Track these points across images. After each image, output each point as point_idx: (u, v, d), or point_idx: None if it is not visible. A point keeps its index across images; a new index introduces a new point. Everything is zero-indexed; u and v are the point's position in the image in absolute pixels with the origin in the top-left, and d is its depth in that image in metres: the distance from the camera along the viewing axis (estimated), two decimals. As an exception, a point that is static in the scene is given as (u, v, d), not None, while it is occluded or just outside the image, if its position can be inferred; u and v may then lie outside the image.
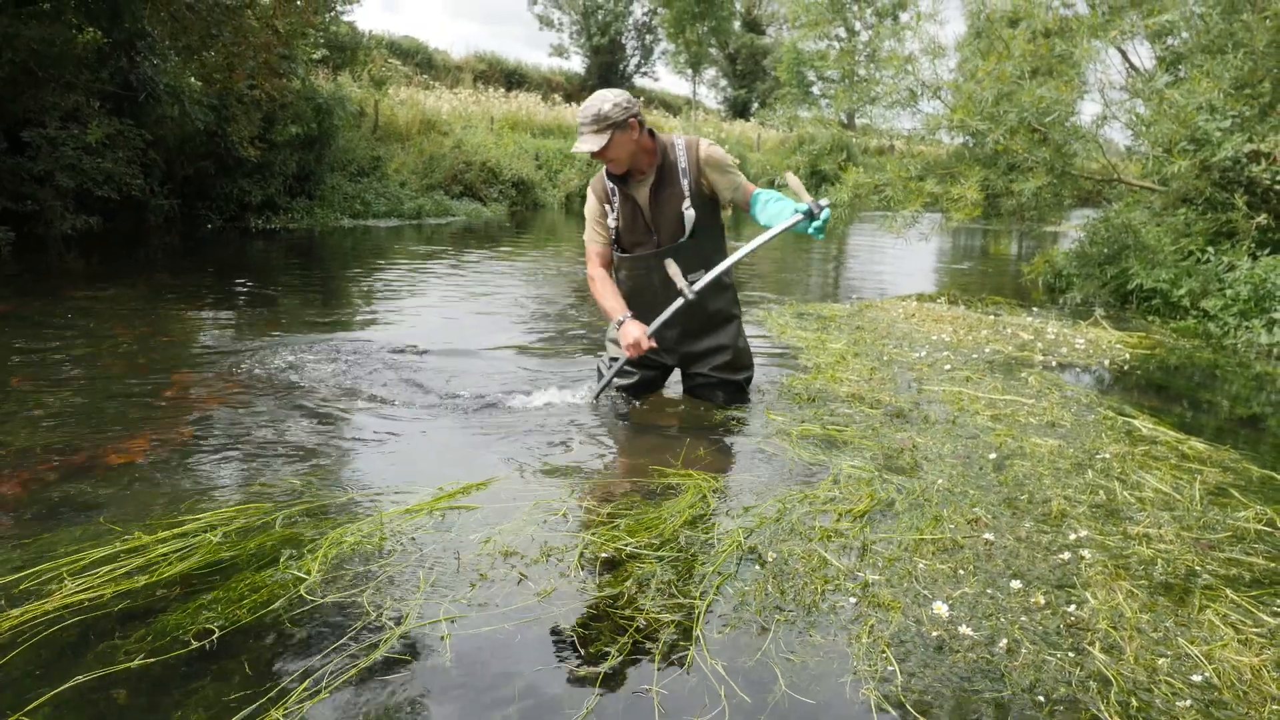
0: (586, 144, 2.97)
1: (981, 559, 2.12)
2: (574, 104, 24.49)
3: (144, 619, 1.77)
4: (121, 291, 5.96)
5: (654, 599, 1.91)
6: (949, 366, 4.22)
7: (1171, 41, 7.45)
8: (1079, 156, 6.83)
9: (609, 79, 33.86)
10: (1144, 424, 3.34)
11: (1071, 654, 1.73)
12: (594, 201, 3.27)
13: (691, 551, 2.14)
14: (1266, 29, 6.06)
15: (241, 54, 8.92)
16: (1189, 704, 1.58)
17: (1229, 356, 5.02)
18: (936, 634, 1.78)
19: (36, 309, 5.14)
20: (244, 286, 6.55)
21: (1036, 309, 6.49)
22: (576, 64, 35.29)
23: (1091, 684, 1.63)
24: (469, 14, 78.89)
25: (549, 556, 2.10)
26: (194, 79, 9.80)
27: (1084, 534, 2.28)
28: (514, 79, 29.37)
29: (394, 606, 1.84)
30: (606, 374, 3.39)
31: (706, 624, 1.81)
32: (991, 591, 1.96)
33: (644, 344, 3.08)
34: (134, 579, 1.91)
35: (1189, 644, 1.77)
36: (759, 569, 2.06)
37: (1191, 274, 6.15)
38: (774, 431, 3.16)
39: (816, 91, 30.52)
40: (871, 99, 7.84)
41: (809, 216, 2.94)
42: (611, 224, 3.23)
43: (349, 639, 1.72)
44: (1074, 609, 1.89)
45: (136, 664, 1.61)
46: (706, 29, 35.76)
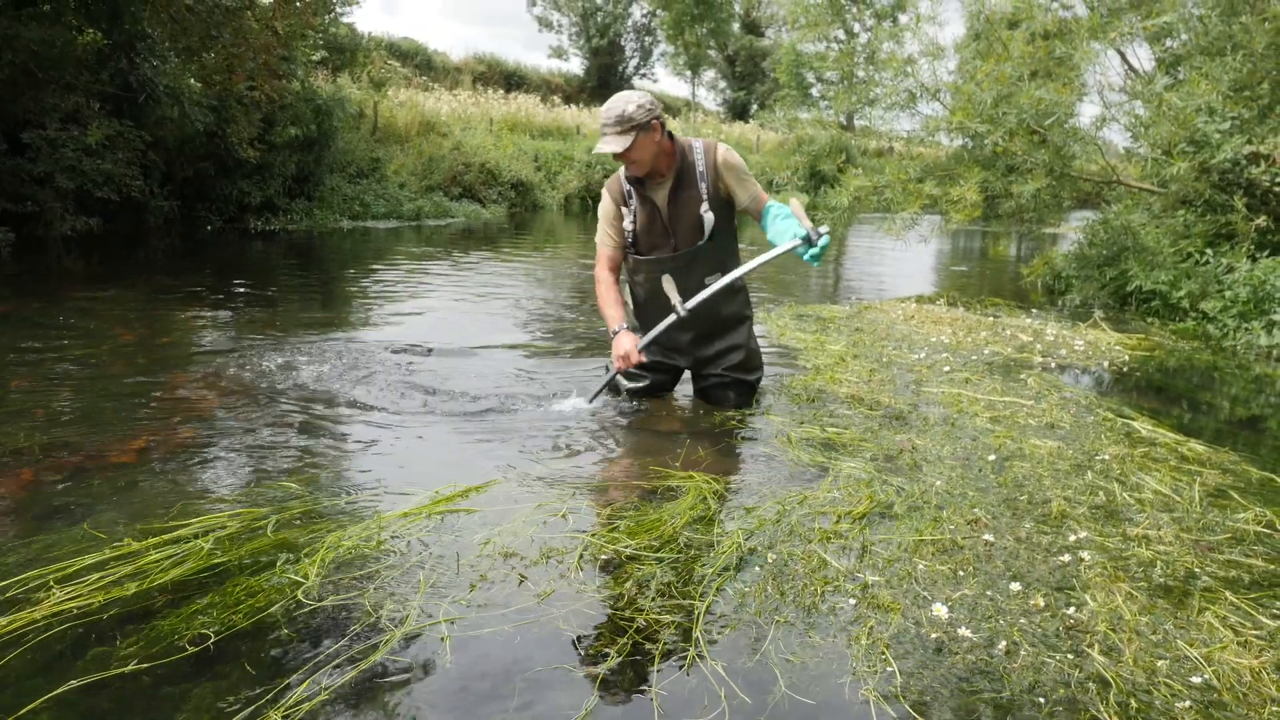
0: (610, 145, 2.94)
1: (981, 560, 2.12)
2: (573, 106, 24.51)
3: (138, 625, 1.76)
4: (121, 292, 5.96)
5: (654, 600, 1.92)
6: (948, 368, 4.22)
7: (1171, 43, 7.46)
8: (1078, 158, 6.83)
9: (608, 81, 33.90)
10: (1143, 425, 3.34)
11: (1071, 656, 1.73)
12: (609, 203, 3.25)
13: (691, 553, 2.14)
14: (1265, 31, 6.07)
15: (241, 55, 8.93)
16: (1188, 705, 1.58)
17: (1228, 358, 5.02)
18: (936, 635, 1.78)
19: (36, 310, 5.14)
20: (243, 288, 6.56)
21: (1036, 311, 6.49)
22: (575, 66, 35.37)
23: (1091, 685, 1.63)
24: (468, 16, 79.08)
25: (549, 558, 2.10)
26: (194, 80, 9.81)
27: (1083, 535, 2.28)
28: (513, 81, 29.41)
29: (394, 608, 1.84)
30: (601, 383, 3.39)
31: (706, 625, 1.82)
32: (991, 593, 1.96)
33: (633, 358, 3.12)
34: (124, 586, 1.89)
35: (1188, 646, 1.77)
36: (759, 570, 2.06)
37: (1191, 276, 6.15)
38: (774, 433, 3.16)
39: (816, 93, 30.58)
40: (871, 101, 7.85)
41: (807, 243, 2.96)
42: (628, 226, 3.22)
43: (349, 640, 1.72)
44: (1073, 611, 1.89)
45: (130, 669, 1.61)
46: (705, 31, 35.76)
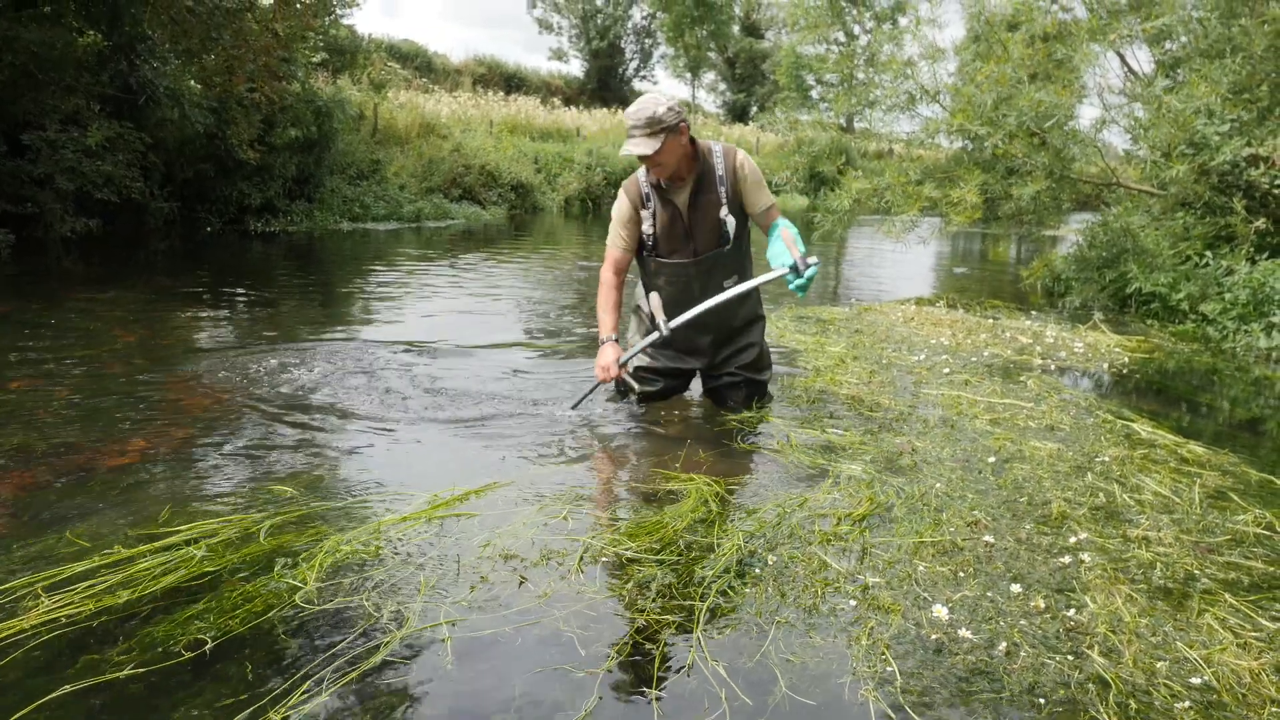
0: (639, 147, 2.92)
1: (981, 562, 2.12)
2: (573, 108, 24.52)
3: (132, 631, 1.74)
4: (121, 294, 5.96)
5: (654, 601, 1.92)
6: (948, 370, 4.22)
7: (1170, 46, 7.47)
8: (1078, 160, 6.84)
9: (608, 83, 33.94)
10: (1143, 427, 3.34)
11: (1071, 657, 1.73)
12: (626, 204, 3.22)
13: (692, 555, 2.14)
14: (1264, 34, 6.08)
15: (241, 57, 8.93)
16: (1187, 706, 1.58)
17: (1228, 360, 5.03)
18: (936, 636, 1.78)
19: (36, 311, 5.14)
20: (243, 289, 6.56)
21: (1035, 313, 6.49)
22: (576, 68, 35.39)
23: (1090, 687, 1.63)
24: (468, 18, 79.19)
25: (549, 560, 2.10)
26: (194, 82, 9.81)
27: (1083, 537, 2.29)
28: (513, 83, 29.41)
29: (394, 609, 1.85)
30: (585, 392, 3.39)
31: (706, 626, 1.82)
32: (991, 594, 1.96)
33: (612, 371, 3.16)
34: (116, 594, 1.87)
35: (1188, 647, 1.77)
36: (759, 572, 2.06)
37: (1190, 278, 6.16)
38: (774, 435, 3.16)
39: (815, 95, 30.62)
40: (870, 103, 7.87)
41: (794, 272, 2.97)
42: (647, 229, 3.20)
43: (349, 642, 1.72)
44: (1073, 612, 1.89)
45: (126, 674, 1.60)
46: (705, 33, 35.80)
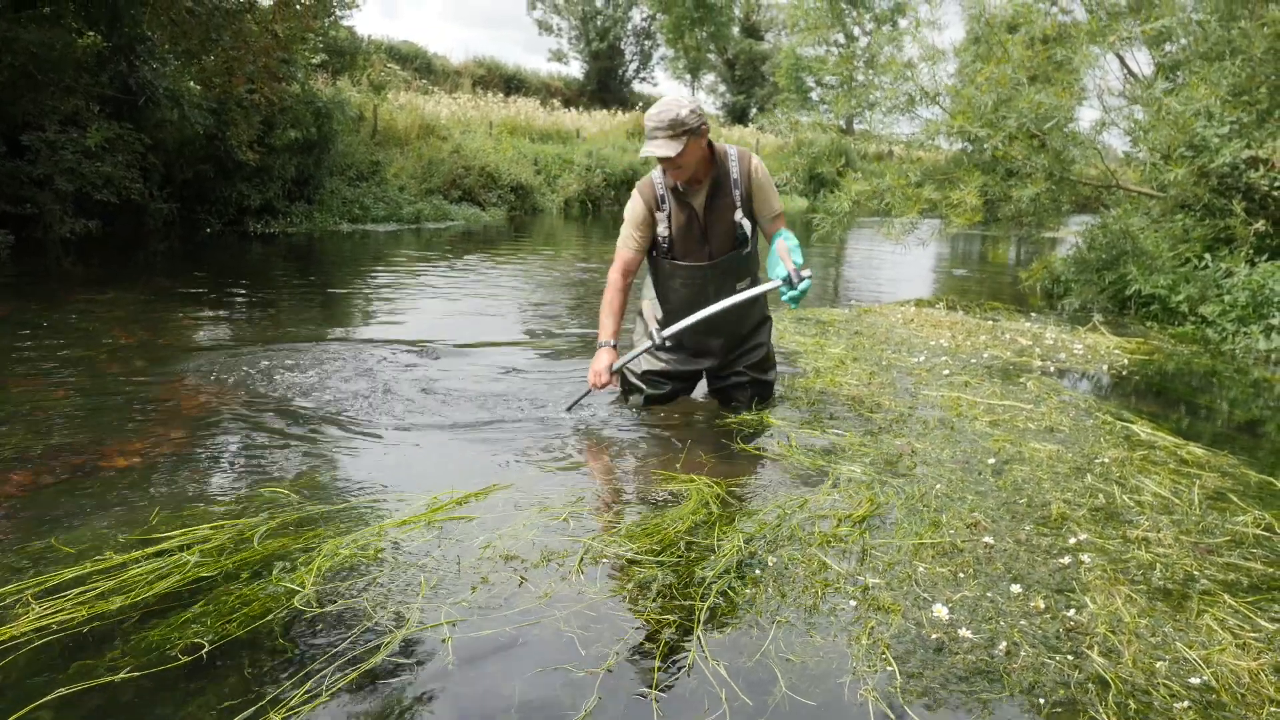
0: (662, 149, 2.91)
1: (981, 563, 2.13)
2: (573, 109, 24.51)
3: (129, 635, 1.73)
4: (120, 295, 5.95)
5: (655, 602, 1.92)
6: (948, 371, 4.23)
7: (1170, 48, 7.49)
8: (1077, 162, 6.85)
9: (608, 84, 33.94)
10: (1142, 429, 3.34)
11: (1070, 657, 1.73)
12: (640, 206, 3.20)
13: (692, 556, 2.15)
14: (1264, 36, 6.09)
15: (241, 58, 8.92)
16: (1186, 706, 1.58)
17: (1227, 362, 5.03)
18: (936, 636, 1.78)
19: (35, 312, 5.14)
20: (242, 291, 6.56)
21: (1035, 314, 6.50)
22: (575, 69, 35.38)
23: (1090, 686, 1.64)
24: (468, 19, 79.14)
25: (550, 561, 2.10)
26: (193, 83, 9.80)
27: (1083, 538, 2.29)
28: (513, 84, 29.40)
29: (395, 611, 1.85)
30: (579, 395, 3.40)
31: (706, 626, 1.82)
32: (991, 595, 1.96)
33: (604, 378, 3.18)
34: (109, 600, 1.85)
35: (1187, 648, 1.77)
36: (759, 573, 2.07)
37: (1190, 280, 6.16)
38: (774, 435, 3.17)
39: (815, 97, 30.66)
40: (870, 104, 7.87)
41: (788, 284, 2.99)
42: (663, 231, 3.20)
43: (350, 643, 1.72)
44: (1073, 613, 1.89)
45: (121, 677, 1.59)
46: (705, 34, 35.89)
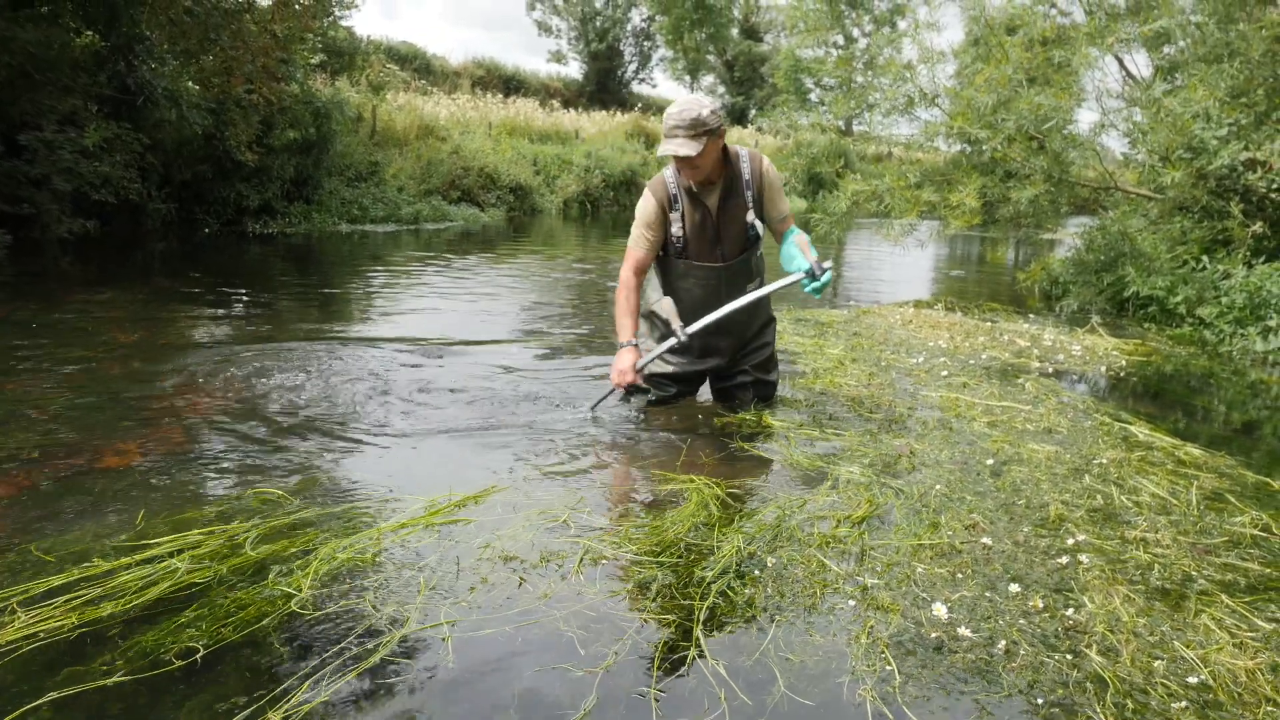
0: (682, 148, 2.91)
1: (980, 563, 2.13)
2: (572, 110, 24.51)
3: (121, 641, 1.72)
4: (118, 295, 5.95)
5: (654, 602, 1.92)
6: (946, 373, 4.23)
7: (1168, 50, 7.50)
8: (1076, 164, 6.87)
9: (607, 85, 33.96)
10: (1140, 430, 3.35)
11: (1069, 656, 1.73)
12: (653, 204, 3.19)
13: (692, 557, 2.15)
14: (1262, 39, 6.11)
15: (239, 58, 8.92)
16: (1184, 705, 1.59)
17: (1224, 363, 5.04)
18: (935, 635, 1.79)
19: (32, 312, 5.13)
20: (240, 291, 6.55)
21: (1033, 316, 6.51)
22: (574, 70, 35.40)
23: (1088, 686, 1.64)
24: (467, 20, 79.29)
25: (549, 561, 2.10)
26: (192, 83, 9.79)
27: (1081, 539, 2.29)
28: (512, 85, 29.39)
29: (393, 611, 1.85)
30: (601, 396, 3.40)
31: (706, 626, 1.82)
32: (990, 594, 1.97)
33: (629, 377, 3.16)
34: (99, 606, 1.84)
35: (1185, 647, 1.78)
36: (759, 573, 2.07)
37: (1187, 282, 6.18)
38: (773, 436, 3.17)
39: (814, 98, 30.68)
40: (869, 106, 7.88)
41: (810, 276, 3.01)
42: (676, 231, 3.21)
43: (348, 643, 1.72)
44: (1071, 612, 1.90)
45: (114, 681, 1.57)
46: (704, 36, 35.90)
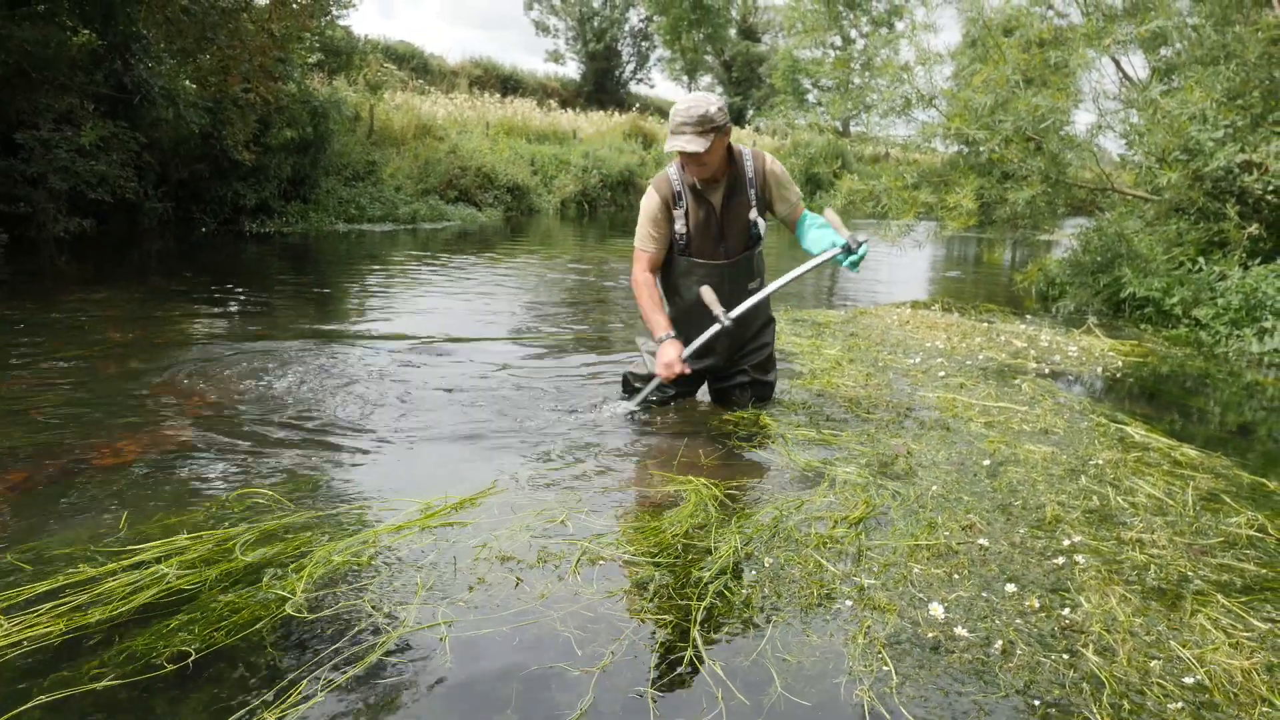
0: (691, 144, 2.91)
1: (976, 564, 2.13)
2: (569, 110, 24.49)
3: (111, 646, 1.70)
4: (114, 294, 5.94)
5: (651, 602, 1.92)
6: (943, 373, 4.24)
7: (1165, 52, 7.52)
8: (1073, 165, 6.88)
9: (604, 85, 33.96)
10: (1136, 431, 3.36)
11: (1065, 656, 1.74)
12: (657, 201, 3.19)
13: (689, 557, 2.15)
14: (1258, 41, 6.13)
15: (237, 57, 8.91)
16: (1180, 706, 1.59)
17: (1220, 365, 5.05)
18: (932, 635, 1.79)
19: (28, 311, 5.12)
20: (237, 291, 6.54)
21: (1030, 316, 6.52)
22: (572, 70, 35.40)
23: (1085, 686, 1.64)
24: (465, 20, 79.25)
25: (546, 562, 2.10)
26: (189, 82, 9.78)
27: (1078, 539, 2.30)
28: (510, 85, 29.38)
29: (390, 612, 1.84)
30: (643, 390, 3.36)
31: (703, 626, 1.82)
32: (986, 595, 1.97)
33: (677, 368, 3.11)
34: (86, 613, 1.84)
35: (1181, 647, 1.78)
36: (756, 574, 2.07)
37: (1184, 283, 6.19)
38: (770, 437, 3.17)
39: (812, 99, 30.70)
40: (867, 106, 7.89)
41: (846, 251, 3.01)
42: (679, 228, 3.19)
43: (345, 645, 1.72)
44: (1068, 612, 1.90)
45: (104, 685, 1.56)
46: (702, 36, 35.91)
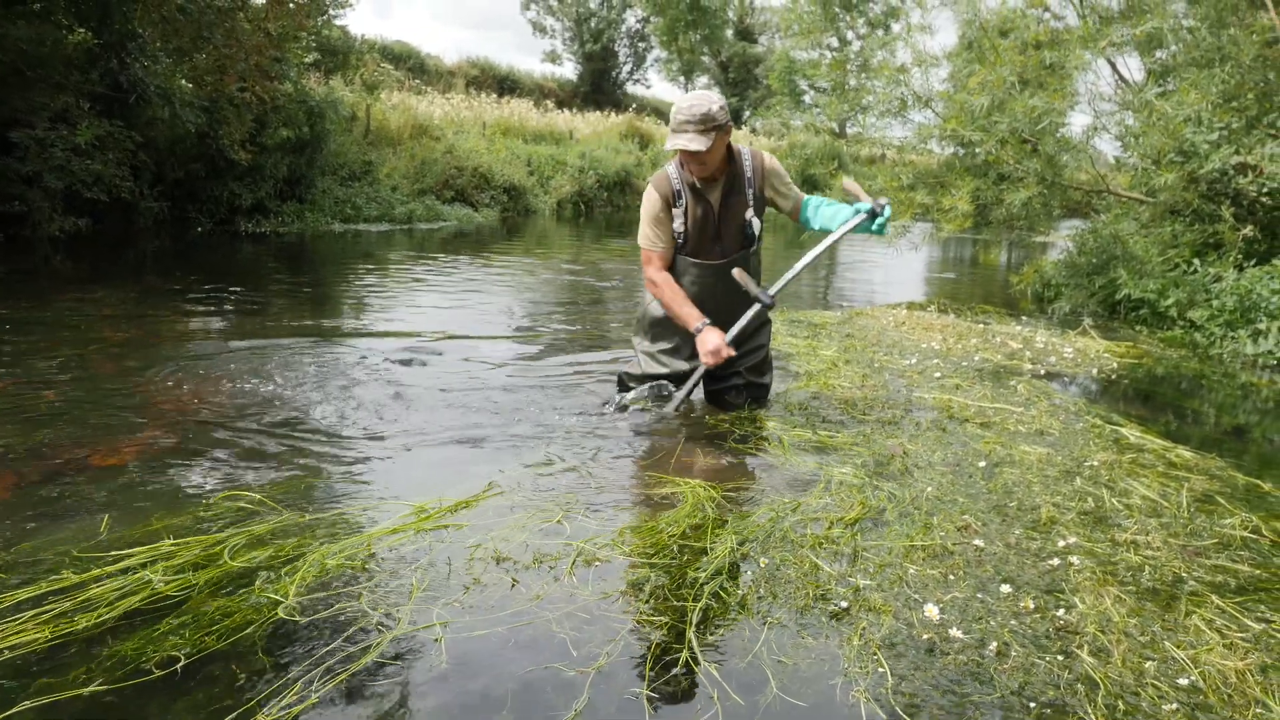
0: (693, 143, 2.90)
1: (971, 565, 2.14)
2: (566, 111, 24.45)
3: (99, 651, 1.68)
4: (109, 293, 5.92)
5: (647, 603, 1.92)
6: (939, 374, 4.24)
7: (1161, 54, 7.54)
8: (1069, 167, 6.89)
9: (601, 86, 33.94)
10: (1131, 432, 3.36)
11: (1060, 657, 1.74)
12: (657, 200, 3.17)
13: (685, 558, 2.15)
14: (1253, 43, 6.14)
15: (233, 57, 8.88)
16: (1175, 707, 1.59)
17: (1215, 366, 5.07)
18: (927, 636, 1.79)
19: (24, 310, 5.10)
20: (233, 290, 6.52)
21: (1025, 318, 6.53)
22: (569, 71, 35.36)
23: (1079, 687, 1.64)
24: (462, 20, 79.23)
25: (542, 563, 2.10)
26: (185, 81, 9.75)
27: (1073, 540, 2.30)
28: (506, 85, 29.34)
29: (385, 613, 1.84)
30: (689, 383, 3.30)
31: (699, 628, 1.82)
32: (981, 596, 1.97)
33: (724, 352, 3.07)
34: (73, 620, 1.83)
35: (1175, 648, 1.78)
36: (752, 575, 2.07)
37: (1179, 285, 6.20)
38: (767, 438, 3.17)
39: (808, 100, 30.73)
40: (863, 108, 7.89)
41: (871, 216, 3.00)
42: (678, 227, 3.18)
43: (339, 646, 1.72)
44: (1063, 613, 1.90)
45: (91, 690, 1.55)
46: (699, 37, 35.91)
